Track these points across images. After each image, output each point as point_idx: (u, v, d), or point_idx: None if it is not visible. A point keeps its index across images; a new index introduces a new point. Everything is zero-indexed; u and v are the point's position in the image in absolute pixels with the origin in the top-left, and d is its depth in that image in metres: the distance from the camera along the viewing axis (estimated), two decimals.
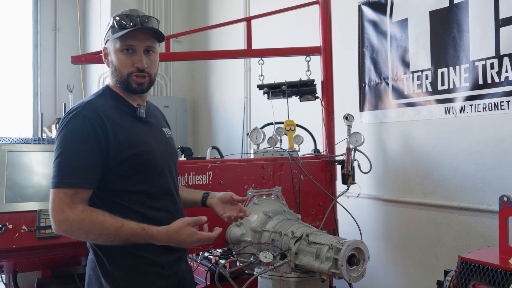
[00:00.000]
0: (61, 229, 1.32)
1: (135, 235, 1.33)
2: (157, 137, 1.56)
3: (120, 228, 1.32)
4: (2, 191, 1.89)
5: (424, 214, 2.73)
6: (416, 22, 2.74)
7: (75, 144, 1.35)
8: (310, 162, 2.64)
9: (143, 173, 1.45)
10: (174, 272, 1.53)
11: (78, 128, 1.37)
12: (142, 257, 1.43)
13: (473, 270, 1.32)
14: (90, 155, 1.35)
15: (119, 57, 1.47)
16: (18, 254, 1.82)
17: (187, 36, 5.68)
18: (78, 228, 1.30)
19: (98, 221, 1.31)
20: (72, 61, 2.84)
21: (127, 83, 1.48)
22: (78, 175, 1.33)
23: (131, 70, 1.46)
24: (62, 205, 1.31)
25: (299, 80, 2.85)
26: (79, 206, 1.32)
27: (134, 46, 1.46)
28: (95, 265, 1.44)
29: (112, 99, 1.51)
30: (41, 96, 6.12)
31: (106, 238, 1.32)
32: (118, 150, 1.39)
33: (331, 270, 1.79)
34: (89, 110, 1.39)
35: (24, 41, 6.12)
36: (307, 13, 3.19)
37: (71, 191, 1.32)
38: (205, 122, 5.49)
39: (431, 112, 2.65)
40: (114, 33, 1.47)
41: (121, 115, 1.46)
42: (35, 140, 2.14)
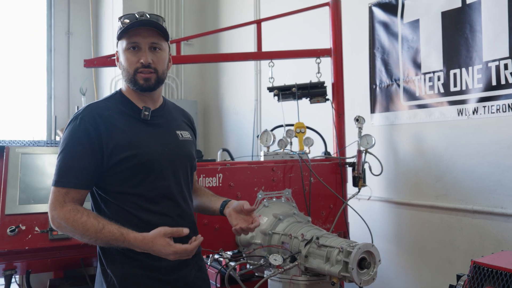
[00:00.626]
0: (53, 225, 1.40)
1: (114, 239, 1.34)
2: (163, 139, 1.54)
3: (100, 230, 1.34)
4: (15, 193, 1.93)
5: (437, 217, 2.69)
6: (428, 23, 2.71)
7: (71, 145, 1.41)
8: (320, 164, 2.63)
9: (139, 175, 1.45)
10: (176, 278, 1.48)
11: (74, 131, 1.42)
12: (139, 260, 1.42)
13: (486, 275, 1.30)
14: (83, 156, 1.40)
15: (126, 55, 1.49)
16: (31, 255, 1.85)
17: (198, 39, 5.72)
18: (64, 226, 1.36)
19: (81, 221, 1.34)
20: (84, 65, 2.88)
21: (134, 81, 1.49)
22: (70, 175, 1.39)
23: (137, 66, 1.48)
24: (55, 203, 1.38)
25: (309, 82, 2.84)
26: (68, 205, 1.37)
27: (139, 43, 1.48)
28: (99, 264, 1.48)
29: (118, 102, 1.53)
30: (55, 99, 6.21)
31: (89, 239, 1.35)
32: (112, 152, 1.42)
33: (341, 274, 1.77)
34: (86, 113, 1.44)
35: (39, 46, 6.23)
36: (317, 15, 3.18)
37: (63, 190, 1.38)
38: (215, 125, 5.50)
39: (443, 114, 2.62)
40: (120, 33, 1.50)
41: (122, 118, 1.48)
42: (48, 143, 2.18)
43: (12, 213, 1.87)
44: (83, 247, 1.92)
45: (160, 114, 1.57)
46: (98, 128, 1.41)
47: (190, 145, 1.65)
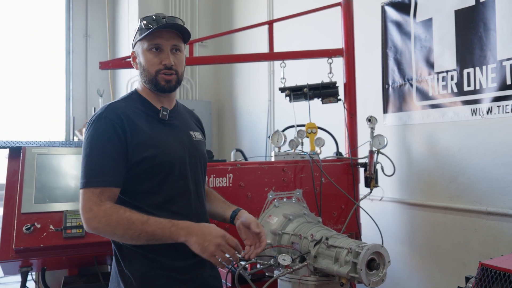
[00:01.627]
0: (90, 226, 1.36)
1: (161, 227, 1.34)
2: (180, 139, 1.56)
3: (146, 221, 1.34)
4: (31, 192, 1.98)
5: (450, 219, 2.65)
6: (441, 21, 2.67)
7: (99, 145, 1.40)
8: (331, 165, 2.63)
9: (160, 175, 1.46)
10: (192, 277, 1.51)
11: (100, 130, 1.41)
12: (157, 261, 1.44)
13: (494, 277, 1.28)
14: (114, 154, 1.39)
15: (147, 56, 1.50)
16: (46, 252, 1.90)
17: (212, 41, 5.76)
18: (106, 224, 1.33)
19: (125, 216, 1.34)
20: (100, 67, 2.94)
21: (155, 82, 1.51)
22: (103, 174, 1.37)
23: (159, 67, 1.49)
24: (90, 204, 1.35)
25: (321, 83, 2.83)
26: (107, 203, 1.36)
27: (161, 44, 1.50)
28: (115, 264, 1.49)
29: (137, 102, 1.54)
30: (73, 101, 6.35)
31: (133, 233, 1.33)
32: (134, 151, 1.42)
33: (350, 274, 1.77)
34: (110, 112, 1.44)
35: (58, 48, 6.38)
36: (329, 15, 3.17)
37: (97, 189, 1.36)
38: (229, 125, 5.53)
39: (457, 114, 2.58)
40: (141, 34, 1.51)
41: (142, 117, 1.49)
42: (63, 144, 2.24)
43: (28, 211, 1.92)
44: (96, 245, 1.98)
45: (174, 115, 1.60)
46: (123, 126, 1.42)
47: (203, 146, 1.69)
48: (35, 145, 2.13)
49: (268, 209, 2.32)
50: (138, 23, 1.54)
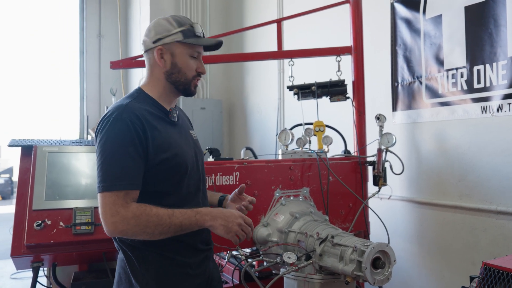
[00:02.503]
0: (116, 230, 1.34)
1: (187, 216, 1.40)
2: (188, 140, 1.61)
3: (172, 214, 1.38)
4: (42, 189, 2.03)
5: (460, 218, 2.62)
6: (451, 18, 2.64)
7: (120, 146, 1.37)
8: (339, 163, 2.62)
9: (177, 175, 1.49)
10: (202, 271, 1.57)
11: (120, 131, 1.38)
12: (171, 258, 1.48)
13: (497, 277, 1.26)
14: (135, 156, 1.38)
15: (188, 61, 1.54)
16: (56, 248, 1.94)
17: (223, 39, 5.78)
18: (135, 224, 1.33)
19: (153, 213, 1.35)
20: (111, 66, 2.98)
21: (188, 86, 1.57)
22: (127, 177, 1.36)
23: (194, 74, 1.57)
24: (116, 207, 1.33)
25: (329, 81, 2.83)
26: (133, 204, 1.36)
27: (200, 53, 1.59)
28: (125, 264, 1.48)
29: (147, 102, 1.53)
30: (87, 100, 6.46)
31: (163, 228, 1.36)
32: (155, 153, 1.43)
33: (354, 273, 1.77)
34: (129, 113, 1.42)
35: (72, 48, 6.50)
36: (338, 13, 3.16)
37: (122, 192, 1.34)
38: (240, 123, 5.55)
39: (467, 112, 2.55)
40: (187, 37, 1.52)
41: (155, 118, 1.49)
42: (73, 142, 2.28)
43: (38, 208, 1.97)
44: (105, 242, 2.01)
45: (177, 116, 1.63)
46: (144, 127, 1.41)
47: (200, 145, 1.74)
48: (46, 144, 2.18)
49: (274, 207, 2.33)
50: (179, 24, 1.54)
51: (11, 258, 1.96)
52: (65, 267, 2.32)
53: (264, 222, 2.26)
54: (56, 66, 6.34)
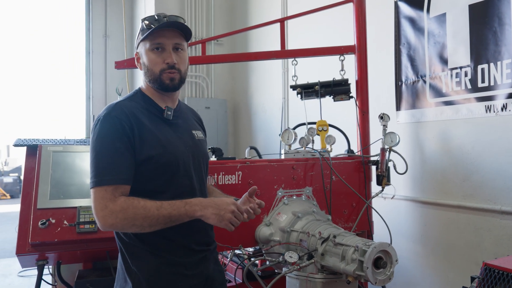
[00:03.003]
0: (106, 223, 1.36)
1: (175, 207, 1.37)
2: (183, 139, 1.58)
3: (160, 206, 1.36)
4: (47, 188, 2.05)
5: (463, 218, 2.61)
6: (455, 16, 2.62)
7: (109, 143, 1.40)
8: (343, 162, 2.61)
9: (166, 174, 1.48)
10: (198, 272, 1.54)
11: (109, 128, 1.42)
12: (164, 257, 1.46)
13: (497, 277, 1.26)
14: (124, 151, 1.40)
15: (150, 56, 1.51)
16: (60, 246, 1.97)
17: (228, 39, 5.80)
18: (123, 218, 1.34)
19: (140, 205, 1.35)
20: (115, 66, 3.00)
21: (160, 81, 1.52)
22: (115, 172, 1.38)
23: (162, 67, 1.51)
24: (104, 201, 1.35)
25: (333, 80, 2.82)
26: (121, 198, 1.37)
27: (163, 44, 1.51)
28: (121, 262, 1.51)
29: (142, 101, 1.55)
30: (93, 100, 6.50)
31: (151, 220, 1.35)
32: (141, 150, 1.43)
33: (356, 272, 1.77)
34: (117, 111, 1.45)
35: (78, 49, 6.55)
36: (342, 12, 3.15)
37: (110, 187, 1.37)
38: (245, 123, 5.56)
39: (471, 111, 2.53)
40: (143, 33, 1.52)
41: (147, 116, 1.50)
42: (77, 142, 2.30)
43: (43, 207, 2.00)
44: (109, 240, 2.03)
45: (177, 114, 1.62)
46: (131, 124, 1.43)
47: (204, 145, 1.71)
48: (50, 143, 2.21)
49: (277, 206, 2.33)
50: (140, 24, 1.56)
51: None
52: (70, 265, 2.34)
53: (266, 222, 2.26)
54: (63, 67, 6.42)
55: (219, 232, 2.10)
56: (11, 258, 5.75)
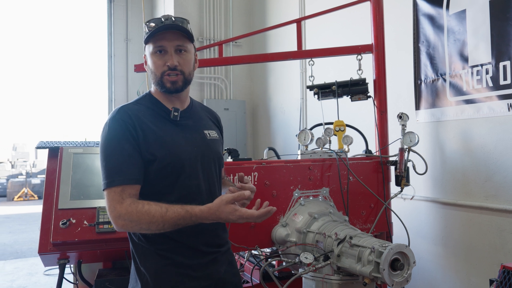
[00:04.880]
0: (117, 225, 1.38)
1: (181, 218, 1.36)
2: (192, 139, 1.57)
3: (165, 214, 1.35)
4: (67, 189, 2.11)
5: (486, 219, 2.54)
6: (475, 13, 2.56)
7: (116, 144, 1.43)
8: (360, 163, 2.59)
9: (171, 175, 1.48)
10: (207, 274, 1.52)
11: (115, 131, 1.44)
12: (171, 259, 1.47)
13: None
14: (131, 153, 1.42)
15: (153, 59, 1.53)
16: (80, 246, 2.01)
17: (246, 40, 5.82)
18: (130, 220, 1.35)
19: (144, 210, 1.35)
20: (135, 70, 3.05)
21: (162, 83, 1.52)
22: (122, 172, 1.39)
23: (164, 69, 1.51)
24: (113, 203, 1.37)
25: (350, 80, 2.80)
26: (127, 200, 1.37)
27: (165, 46, 1.51)
28: (133, 263, 1.53)
29: (149, 103, 1.56)
30: (115, 102, 6.64)
31: (157, 226, 1.35)
32: (146, 152, 1.44)
33: (372, 274, 1.74)
34: (122, 113, 1.47)
35: (100, 53, 6.71)
36: (360, 11, 3.12)
37: (118, 188, 1.38)
38: (263, 124, 5.57)
39: (493, 109, 2.46)
40: (146, 37, 1.53)
41: (153, 118, 1.51)
42: (97, 144, 2.35)
43: (64, 207, 2.05)
44: (127, 240, 2.07)
45: (187, 115, 1.62)
46: (135, 127, 1.45)
47: (218, 144, 1.69)
48: (71, 145, 2.26)
49: (293, 207, 2.33)
50: (145, 28, 1.55)
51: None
52: (90, 264, 2.40)
53: (283, 222, 2.26)
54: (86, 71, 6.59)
55: (235, 233, 2.12)
56: (38, 257, 5.92)
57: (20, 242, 7.35)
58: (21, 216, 10.85)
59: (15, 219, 10.25)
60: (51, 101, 14.71)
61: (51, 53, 8.07)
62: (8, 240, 7.58)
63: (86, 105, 6.84)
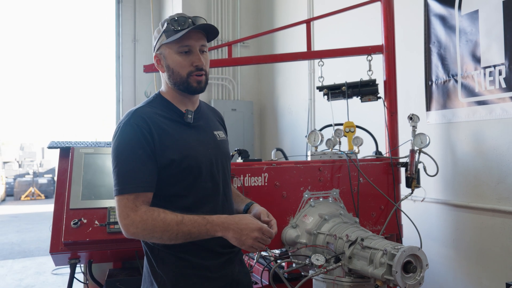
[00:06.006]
0: (129, 232, 1.38)
1: (196, 225, 1.36)
2: (205, 141, 1.57)
3: (181, 221, 1.35)
4: (79, 189, 2.11)
5: (498, 222, 2.51)
6: (488, 13, 2.53)
7: (129, 151, 1.41)
8: (370, 164, 2.57)
9: (188, 178, 1.47)
10: (223, 275, 1.53)
11: (129, 136, 1.42)
12: (188, 260, 1.46)
13: None
14: (144, 159, 1.40)
15: (176, 59, 1.50)
16: (91, 246, 2.01)
17: (254, 41, 5.82)
18: (143, 228, 1.35)
19: (160, 218, 1.35)
20: (144, 70, 3.06)
21: (187, 84, 1.51)
22: (136, 180, 1.38)
23: (190, 69, 1.50)
24: (126, 210, 1.36)
25: (360, 81, 2.78)
26: (142, 208, 1.37)
27: (191, 46, 1.49)
28: (147, 265, 1.53)
29: (161, 105, 1.54)
30: (123, 103, 6.66)
31: (170, 234, 1.35)
32: (162, 155, 1.43)
33: (385, 277, 1.73)
34: (137, 118, 1.44)
35: (109, 53, 6.75)
36: (370, 11, 3.10)
37: (132, 195, 1.37)
38: (271, 125, 5.56)
39: (506, 111, 2.43)
40: (169, 36, 1.50)
41: (168, 121, 1.50)
42: (108, 144, 2.36)
43: (75, 207, 2.05)
44: (138, 241, 2.06)
45: (198, 116, 1.61)
46: (151, 131, 1.43)
47: (226, 145, 1.70)
48: (82, 145, 2.27)
49: (303, 208, 2.32)
50: (162, 26, 1.53)
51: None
52: (101, 264, 2.40)
53: (292, 224, 2.25)
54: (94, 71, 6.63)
55: None
56: (46, 257, 5.96)
57: (28, 241, 7.40)
58: (28, 215, 10.93)
59: (22, 219, 10.32)
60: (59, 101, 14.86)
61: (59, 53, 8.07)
62: (16, 239, 7.64)
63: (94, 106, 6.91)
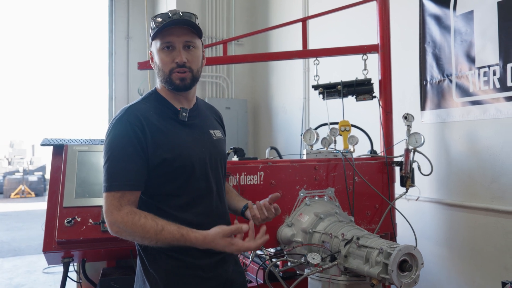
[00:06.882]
0: (112, 230, 1.37)
1: (175, 240, 1.34)
2: (200, 140, 1.54)
3: (160, 232, 1.32)
4: (72, 187, 2.09)
5: (492, 221, 2.53)
6: (483, 14, 2.55)
7: (120, 148, 1.39)
8: (365, 163, 2.58)
9: (181, 177, 1.45)
10: (216, 274, 1.51)
11: (121, 133, 1.40)
12: (181, 260, 1.44)
13: None
14: (134, 157, 1.38)
15: (160, 56, 1.48)
16: (85, 245, 1.99)
17: (248, 39, 5.80)
18: (124, 230, 1.33)
19: (139, 224, 1.32)
20: (138, 67, 3.04)
21: (170, 81, 1.48)
22: (123, 178, 1.37)
23: (172, 66, 1.46)
24: (111, 208, 1.35)
25: (355, 80, 2.79)
26: (126, 208, 1.35)
27: (173, 42, 1.46)
28: (139, 264, 1.51)
29: (156, 102, 1.52)
30: (115, 100, 6.61)
31: (149, 241, 1.34)
32: (155, 154, 1.41)
33: (380, 275, 1.74)
34: (130, 115, 1.42)
35: (101, 50, 6.69)
36: (365, 11, 3.11)
37: (118, 193, 1.36)
38: (265, 123, 5.56)
39: (500, 111, 2.45)
40: (153, 33, 1.48)
41: (162, 119, 1.47)
42: (102, 142, 2.33)
43: (69, 205, 2.02)
44: None
45: (194, 114, 1.58)
46: (143, 129, 1.40)
47: (223, 144, 1.67)
48: (76, 143, 2.24)
49: (299, 207, 2.32)
50: (151, 23, 1.50)
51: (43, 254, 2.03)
52: (94, 263, 2.38)
53: (288, 222, 2.25)
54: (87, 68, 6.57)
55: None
56: (36, 255, 5.90)
57: (18, 240, 7.32)
58: (18, 213, 10.81)
59: (12, 216, 10.21)
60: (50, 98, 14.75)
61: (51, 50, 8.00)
62: (6, 238, 7.55)
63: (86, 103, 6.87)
